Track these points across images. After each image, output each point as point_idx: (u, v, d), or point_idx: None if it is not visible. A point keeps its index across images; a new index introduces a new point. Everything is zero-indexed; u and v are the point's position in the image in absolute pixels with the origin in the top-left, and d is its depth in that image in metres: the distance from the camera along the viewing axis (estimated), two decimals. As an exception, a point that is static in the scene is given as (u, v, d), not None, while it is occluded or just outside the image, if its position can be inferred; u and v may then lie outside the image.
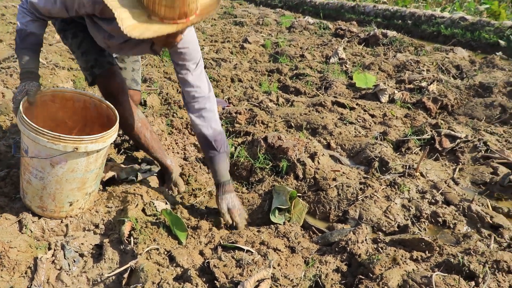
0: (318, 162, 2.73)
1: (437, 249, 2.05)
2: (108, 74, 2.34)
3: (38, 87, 2.08)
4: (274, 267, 1.89)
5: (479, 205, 2.55)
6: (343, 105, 3.97)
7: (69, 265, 2.00)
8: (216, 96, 4.39)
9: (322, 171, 2.65)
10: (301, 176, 2.65)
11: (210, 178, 2.61)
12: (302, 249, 2.07)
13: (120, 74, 2.42)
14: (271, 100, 4.22)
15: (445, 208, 2.51)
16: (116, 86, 2.36)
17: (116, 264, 2.04)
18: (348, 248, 1.99)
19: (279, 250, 2.00)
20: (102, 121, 2.30)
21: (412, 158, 3.08)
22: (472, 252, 1.96)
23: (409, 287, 1.71)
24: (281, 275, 1.85)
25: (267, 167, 2.72)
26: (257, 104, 4.02)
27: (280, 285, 1.74)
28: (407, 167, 2.87)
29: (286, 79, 5.05)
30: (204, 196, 2.51)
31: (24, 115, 1.90)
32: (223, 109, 3.84)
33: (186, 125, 3.44)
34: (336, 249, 2.03)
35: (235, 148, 3.02)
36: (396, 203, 2.50)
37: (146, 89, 4.27)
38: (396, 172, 2.84)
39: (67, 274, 1.95)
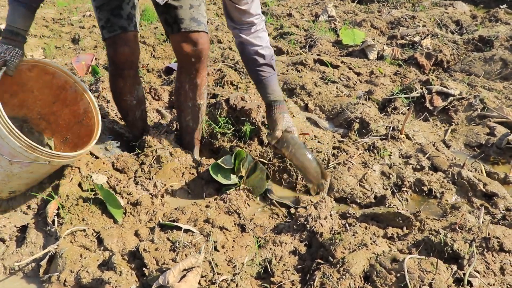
0: (287, 125, 2.37)
1: (417, 224, 1.72)
2: (118, 41, 2.00)
3: (21, 57, 1.73)
4: (217, 250, 1.57)
5: (471, 171, 2.21)
6: (326, 64, 3.57)
7: (-17, 252, 1.70)
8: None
9: (290, 135, 2.30)
10: (266, 141, 2.30)
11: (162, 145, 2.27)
12: (254, 227, 1.73)
13: (133, 43, 2.05)
14: (248, 61, 3.81)
15: (432, 175, 2.18)
16: (123, 57, 2.03)
17: (40, 248, 1.74)
18: (308, 226, 1.65)
19: (226, 229, 1.66)
20: (76, 110, 2.05)
21: (398, 118, 2.70)
22: (457, 228, 1.63)
23: (376, 273, 1.39)
24: (225, 259, 1.54)
25: (229, 132, 2.37)
26: (233, 65, 3.63)
27: (217, 273, 1.41)
28: (391, 128, 2.51)
29: (269, 39, 4.63)
30: (152, 166, 2.16)
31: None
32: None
33: (149, 89, 3.08)
34: (295, 226, 1.69)
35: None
36: (374, 170, 2.16)
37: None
38: (377, 134, 2.49)
39: (-23, 263, 1.65)
